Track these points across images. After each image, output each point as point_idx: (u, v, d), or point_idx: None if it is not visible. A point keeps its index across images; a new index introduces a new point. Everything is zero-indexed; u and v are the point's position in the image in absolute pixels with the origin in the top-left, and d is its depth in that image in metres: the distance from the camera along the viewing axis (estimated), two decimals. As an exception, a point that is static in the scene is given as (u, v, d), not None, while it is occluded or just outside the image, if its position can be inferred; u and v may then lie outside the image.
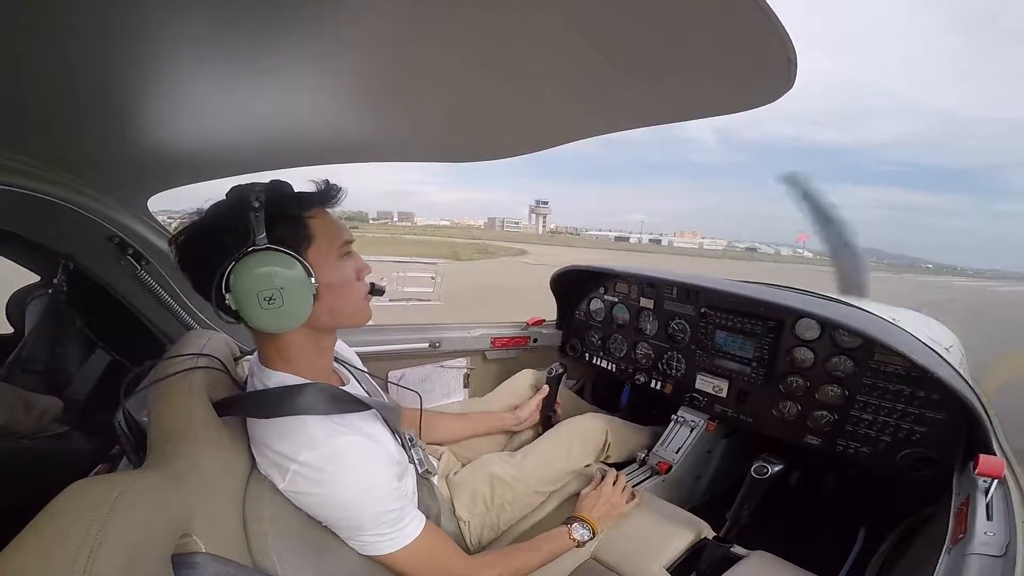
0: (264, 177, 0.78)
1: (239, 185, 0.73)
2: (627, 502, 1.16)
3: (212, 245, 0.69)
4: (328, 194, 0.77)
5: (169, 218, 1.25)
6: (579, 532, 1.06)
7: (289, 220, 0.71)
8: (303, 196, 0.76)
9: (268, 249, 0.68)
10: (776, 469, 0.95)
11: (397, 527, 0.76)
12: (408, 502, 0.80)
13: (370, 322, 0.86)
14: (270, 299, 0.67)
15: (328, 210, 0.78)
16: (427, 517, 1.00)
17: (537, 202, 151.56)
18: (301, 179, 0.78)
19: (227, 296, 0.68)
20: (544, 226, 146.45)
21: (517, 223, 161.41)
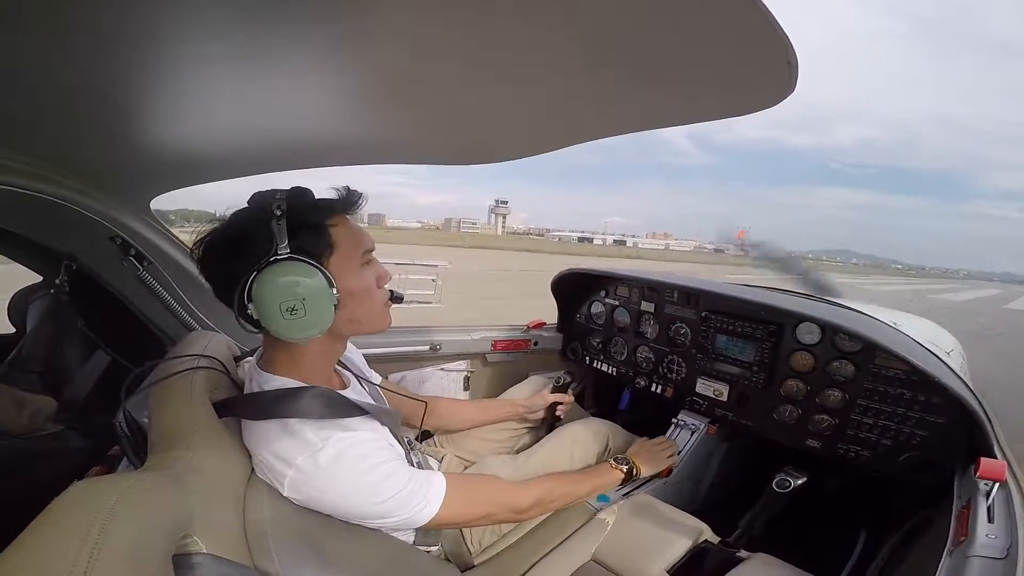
0: (267, 179, 0.78)
1: (260, 192, 0.73)
2: (667, 467, 1.32)
3: (234, 254, 0.68)
4: (349, 201, 0.76)
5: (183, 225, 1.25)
6: (621, 464, 1.19)
7: (311, 229, 0.70)
8: (325, 204, 0.75)
9: (290, 259, 0.67)
10: (799, 483, 0.93)
11: (423, 493, 0.75)
12: (417, 470, 0.80)
13: None
14: (292, 310, 0.67)
15: (349, 217, 0.77)
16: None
17: (496, 202, 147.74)
18: (298, 180, 0.77)
19: (249, 306, 0.67)
20: (503, 227, 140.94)
21: (474, 223, 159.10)
